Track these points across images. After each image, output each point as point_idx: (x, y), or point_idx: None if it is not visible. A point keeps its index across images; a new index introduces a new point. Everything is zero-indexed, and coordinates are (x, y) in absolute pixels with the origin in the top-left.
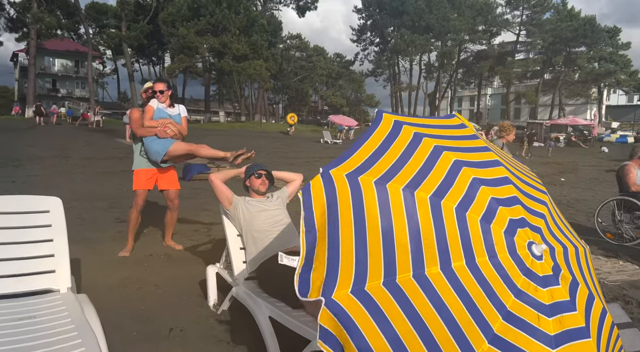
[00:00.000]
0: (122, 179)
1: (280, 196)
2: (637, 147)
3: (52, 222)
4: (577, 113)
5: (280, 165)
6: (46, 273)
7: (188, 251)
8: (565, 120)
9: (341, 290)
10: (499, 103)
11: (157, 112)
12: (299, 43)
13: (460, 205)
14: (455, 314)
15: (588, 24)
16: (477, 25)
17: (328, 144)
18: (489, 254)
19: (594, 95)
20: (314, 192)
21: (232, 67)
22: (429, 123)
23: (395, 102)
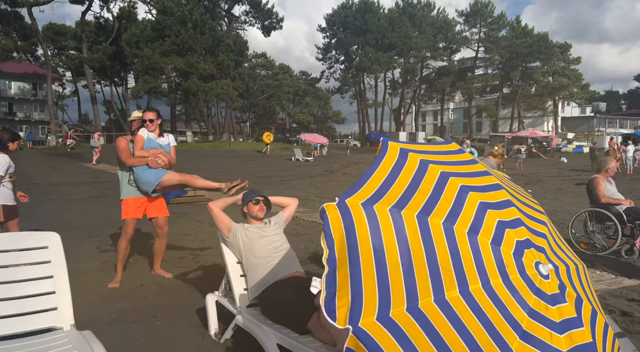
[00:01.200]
0: (96, 205)
1: (277, 222)
2: (604, 161)
3: (51, 258)
4: (535, 125)
5: (256, 185)
6: (48, 311)
7: (179, 279)
8: (526, 132)
9: (367, 317)
10: (461, 117)
11: (147, 141)
12: (264, 61)
13: (471, 229)
14: (476, 337)
15: (541, 40)
16: (437, 42)
17: (300, 161)
18: (502, 276)
19: (550, 108)
20: (332, 221)
21: (199, 87)
22: (431, 150)
23: (362, 118)
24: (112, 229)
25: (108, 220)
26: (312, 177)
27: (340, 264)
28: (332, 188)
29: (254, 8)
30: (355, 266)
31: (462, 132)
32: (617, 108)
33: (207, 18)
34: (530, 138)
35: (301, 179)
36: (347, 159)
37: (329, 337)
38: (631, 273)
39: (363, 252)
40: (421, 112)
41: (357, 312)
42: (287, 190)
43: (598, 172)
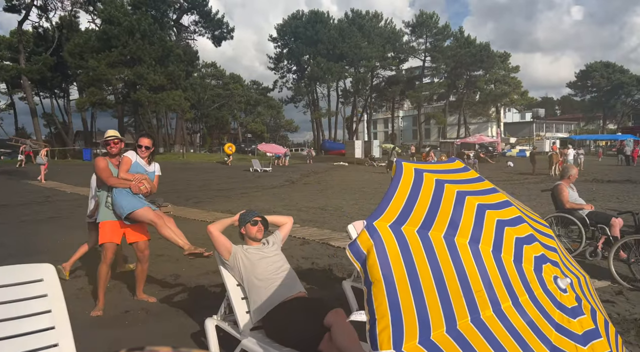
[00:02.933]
0: (54, 227)
1: (274, 241)
2: (567, 168)
3: (47, 291)
4: (480, 131)
5: (218, 199)
6: (49, 348)
7: (164, 303)
8: (474, 138)
9: (410, 341)
10: (411, 124)
11: (134, 165)
12: (214, 71)
13: (494, 248)
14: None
15: (483, 50)
16: (386, 52)
17: (259, 172)
18: (528, 293)
19: (494, 114)
20: (362, 244)
21: (150, 98)
22: (442, 169)
23: (316, 127)
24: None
25: (71, 243)
26: (274, 188)
27: (375, 288)
28: (297, 199)
29: (204, 18)
30: (392, 289)
31: (412, 139)
32: (553, 113)
33: (156, 28)
34: (477, 144)
35: (263, 191)
36: (306, 169)
37: None
38: (599, 275)
39: (397, 275)
40: (373, 120)
41: (400, 337)
42: (252, 202)
43: (561, 179)
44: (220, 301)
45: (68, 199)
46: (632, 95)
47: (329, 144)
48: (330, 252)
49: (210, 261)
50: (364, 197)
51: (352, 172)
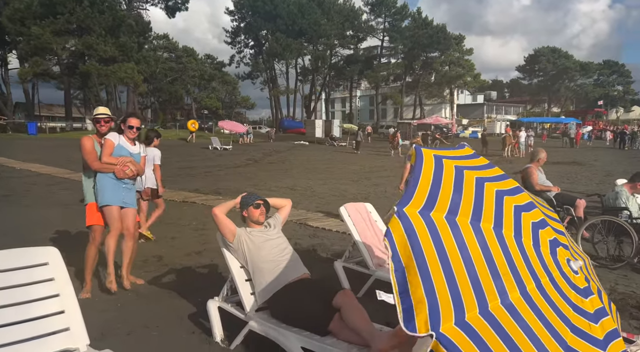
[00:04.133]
0: (10, 207)
1: (275, 224)
2: (536, 151)
3: (54, 275)
4: (434, 112)
5: (181, 178)
6: (60, 332)
7: (153, 285)
8: (430, 119)
9: (446, 323)
10: (368, 104)
11: (117, 148)
12: (166, 43)
13: (516, 233)
14: (539, 335)
15: (440, 31)
16: (345, 30)
17: (218, 150)
18: (547, 275)
19: (448, 96)
20: (394, 231)
21: (100, 70)
22: (457, 155)
23: (275, 104)
24: (48, 232)
25: (35, 223)
26: (238, 167)
27: (409, 272)
28: (264, 178)
29: None
30: (425, 273)
31: (369, 119)
32: (502, 96)
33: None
34: (433, 125)
35: (227, 170)
36: (268, 148)
37: (355, 338)
38: None
39: (430, 259)
40: (330, 99)
41: (437, 318)
42: (219, 182)
43: (531, 162)
44: (210, 282)
45: (18, 176)
46: (575, 80)
47: (288, 122)
48: (309, 232)
49: (191, 242)
50: (332, 176)
51: (314, 152)
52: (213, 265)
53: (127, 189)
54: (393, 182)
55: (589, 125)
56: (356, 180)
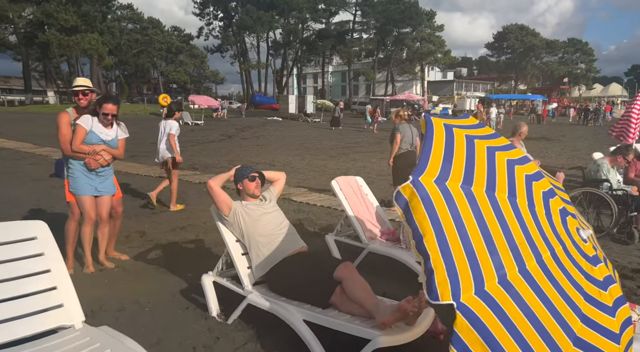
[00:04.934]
0: None
1: (270, 197)
2: (518, 126)
3: (43, 250)
4: (406, 89)
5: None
6: (54, 309)
7: (139, 261)
8: (402, 96)
9: (467, 292)
10: (340, 80)
11: (89, 136)
12: (131, 14)
13: (529, 203)
14: (555, 303)
15: (412, 7)
16: (317, 3)
17: (189, 125)
18: (561, 245)
19: (419, 73)
20: (410, 200)
21: (62, 40)
22: (465, 124)
23: (246, 79)
24: (21, 208)
25: (6, 200)
26: (212, 143)
27: (427, 242)
28: (240, 154)
29: None
30: (444, 243)
31: (341, 95)
32: (470, 73)
33: None
34: (405, 101)
35: (201, 145)
36: (241, 123)
37: (358, 310)
38: None
39: (447, 229)
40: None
41: (457, 289)
42: (193, 157)
43: (512, 136)
44: (198, 257)
45: None
46: (541, 58)
47: (259, 98)
48: (294, 207)
49: (174, 218)
50: (309, 152)
51: (288, 128)
52: (199, 240)
53: (102, 176)
54: (371, 157)
55: (554, 102)
56: (334, 156)
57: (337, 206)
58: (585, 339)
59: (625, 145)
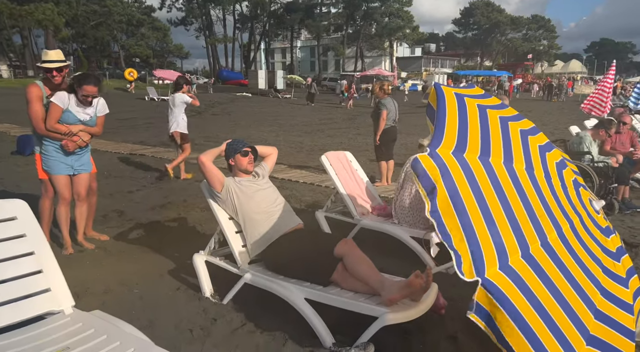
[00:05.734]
0: None
1: (263, 173)
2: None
3: (24, 231)
4: (375, 65)
5: (123, 129)
6: (40, 294)
7: (121, 241)
8: (373, 71)
9: (491, 268)
10: (309, 55)
11: (65, 115)
12: None
13: (546, 175)
14: (576, 277)
15: None
16: None
17: (156, 101)
18: (578, 217)
19: (388, 49)
20: (429, 172)
21: (13, 10)
22: (474, 93)
23: (212, 54)
24: None
25: None
26: None
27: (447, 218)
28: (213, 130)
29: None
30: (464, 216)
31: (310, 71)
32: (437, 49)
33: None
34: (375, 77)
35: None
36: (209, 99)
37: (361, 287)
38: None
39: (467, 202)
40: (270, 49)
41: (481, 264)
42: (163, 134)
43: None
44: (183, 236)
45: None
46: (506, 35)
47: (227, 73)
48: (277, 184)
49: (152, 196)
50: (283, 128)
51: (259, 104)
52: (181, 218)
53: (79, 154)
54: (347, 133)
55: (519, 78)
56: (309, 132)
57: (320, 182)
58: (605, 312)
59: (608, 119)
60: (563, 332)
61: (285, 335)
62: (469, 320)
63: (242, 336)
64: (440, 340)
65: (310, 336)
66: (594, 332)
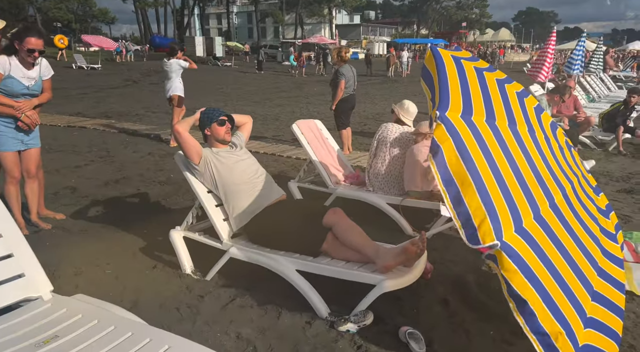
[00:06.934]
0: None
1: (240, 144)
2: None
3: None
4: (314, 32)
5: (55, 100)
6: (13, 280)
7: (80, 219)
8: (314, 39)
9: (507, 230)
10: (246, 22)
11: (8, 82)
12: None
13: (546, 137)
14: (578, 234)
15: None
16: None
17: (85, 70)
18: (576, 178)
19: (327, 16)
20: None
21: None
22: (467, 56)
23: (142, 19)
24: None
25: None
26: (116, 89)
27: (461, 182)
28: (154, 100)
29: None
30: (479, 182)
31: (248, 38)
32: (375, 17)
33: None
34: (316, 45)
35: (105, 91)
36: (144, 67)
37: (353, 256)
38: None
39: (480, 167)
40: (205, 14)
41: (498, 227)
42: (100, 104)
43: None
44: (147, 212)
45: None
46: (441, 3)
47: (159, 39)
48: None
49: (103, 171)
50: (230, 98)
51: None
52: (142, 194)
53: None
54: (297, 103)
55: (455, 46)
56: (258, 101)
57: (280, 152)
58: (605, 270)
59: (564, 85)
60: (571, 289)
61: (277, 308)
62: (455, 284)
63: (233, 311)
64: (433, 304)
65: (303, 307)
66: (597, 289)
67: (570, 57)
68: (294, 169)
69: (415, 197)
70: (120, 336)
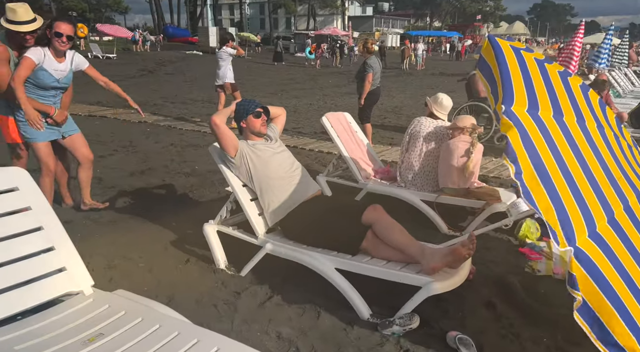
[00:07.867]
0: None
1: (275, 136)
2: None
3: (29, 203)
4: (327, 23)
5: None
6: (54, 274)
7: (108, 210)
8: (328, 30)
9: (581, 236)
10: (258, 12)
11: (40, 74)
12: None
13: (614, 135)
14: None
15: None
16: None
17: (100, 59)
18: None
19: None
20: (510, 137)
21: None
22: (523, 47)
23: (156, 9)
24: None
25: None
26: (133, 78)
27: (531, 182)
28: (172, 91)
29: None
30: (549, 183)
31: (260, 29)
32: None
33: None
34: (329, 36)
35: (122, 81)
36: (158, 57)
37: (395, 255)
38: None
39: (549, 167)
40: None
41: (571, 232)
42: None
43: (475, 69)
44: (176, 204)
45: None
46: None
47: (173, 29)
48: None
49: (129, 161)
50: (244, 89)
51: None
52: (168, 185)
53: None
54: (313, 95)
55: (469, 39)
56: (273, 93)
57: (303, 145)
58: None
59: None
60: None
61: (316, 307)
62: (499, 285)
63: (271, 309)
64: (478, 307)
65: (342, 307)
66: None
67: (597, 50)
68: (318, 162)
69: (451, 194)
70: (167, 336)
